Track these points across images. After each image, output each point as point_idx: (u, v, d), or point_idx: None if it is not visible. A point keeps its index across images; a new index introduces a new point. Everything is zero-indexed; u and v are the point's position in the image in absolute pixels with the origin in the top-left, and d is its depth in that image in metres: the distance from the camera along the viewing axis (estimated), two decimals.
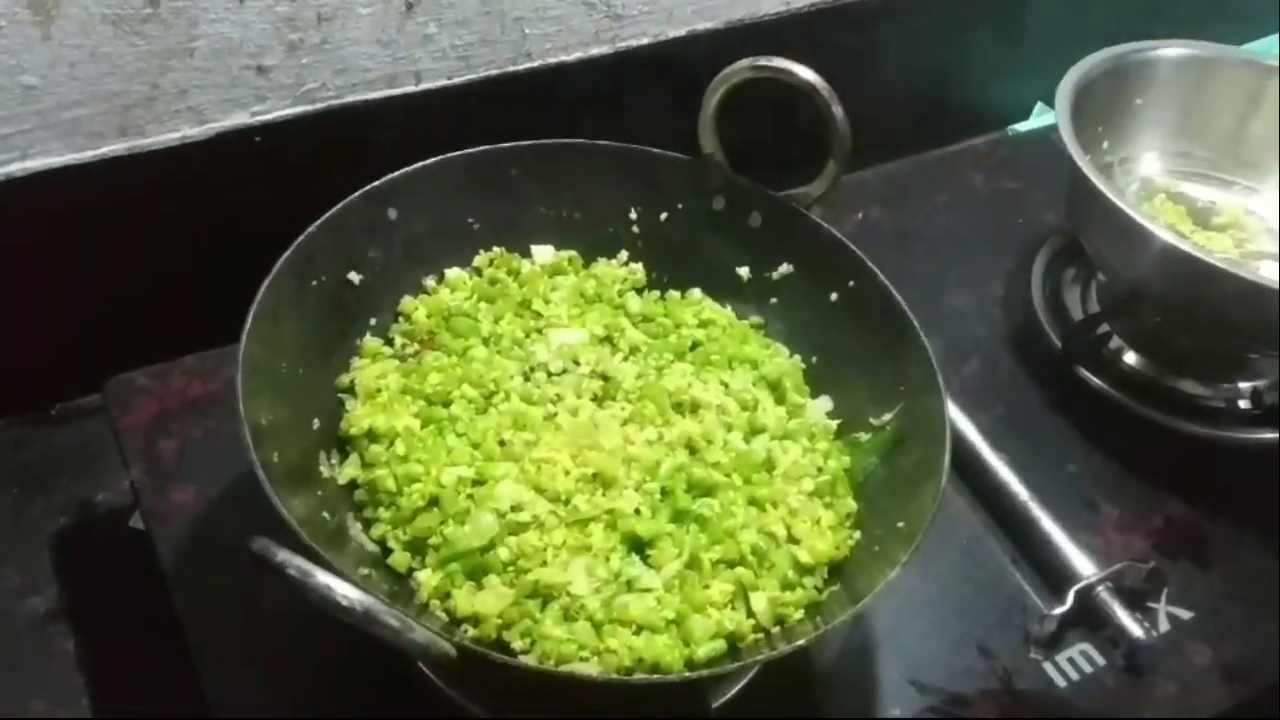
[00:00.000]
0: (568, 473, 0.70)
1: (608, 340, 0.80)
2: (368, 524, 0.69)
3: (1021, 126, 1.27)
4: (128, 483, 0.80)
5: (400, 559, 0.67)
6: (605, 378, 0.77)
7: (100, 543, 0.85)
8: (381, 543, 0.68)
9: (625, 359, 0.79)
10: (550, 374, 0.77)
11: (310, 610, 0.54)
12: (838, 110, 0.75)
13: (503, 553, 0.66)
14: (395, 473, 0.69)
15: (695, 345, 0.81)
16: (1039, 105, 1.28)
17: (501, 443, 0.71)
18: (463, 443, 0.71)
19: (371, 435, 0.72)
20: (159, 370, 0.84)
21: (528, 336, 0.79)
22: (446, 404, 0.74)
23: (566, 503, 0.69)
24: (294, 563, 0.53)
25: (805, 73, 0.76)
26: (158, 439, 0.81)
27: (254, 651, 0.73)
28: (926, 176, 1.14)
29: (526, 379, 0.76)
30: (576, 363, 0.77)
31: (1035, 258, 1.05)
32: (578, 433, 0.72)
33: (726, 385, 0.78)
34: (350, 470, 0.71)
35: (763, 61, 0.77)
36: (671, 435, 0.74)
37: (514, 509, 0.67)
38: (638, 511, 0.69)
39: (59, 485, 0.87)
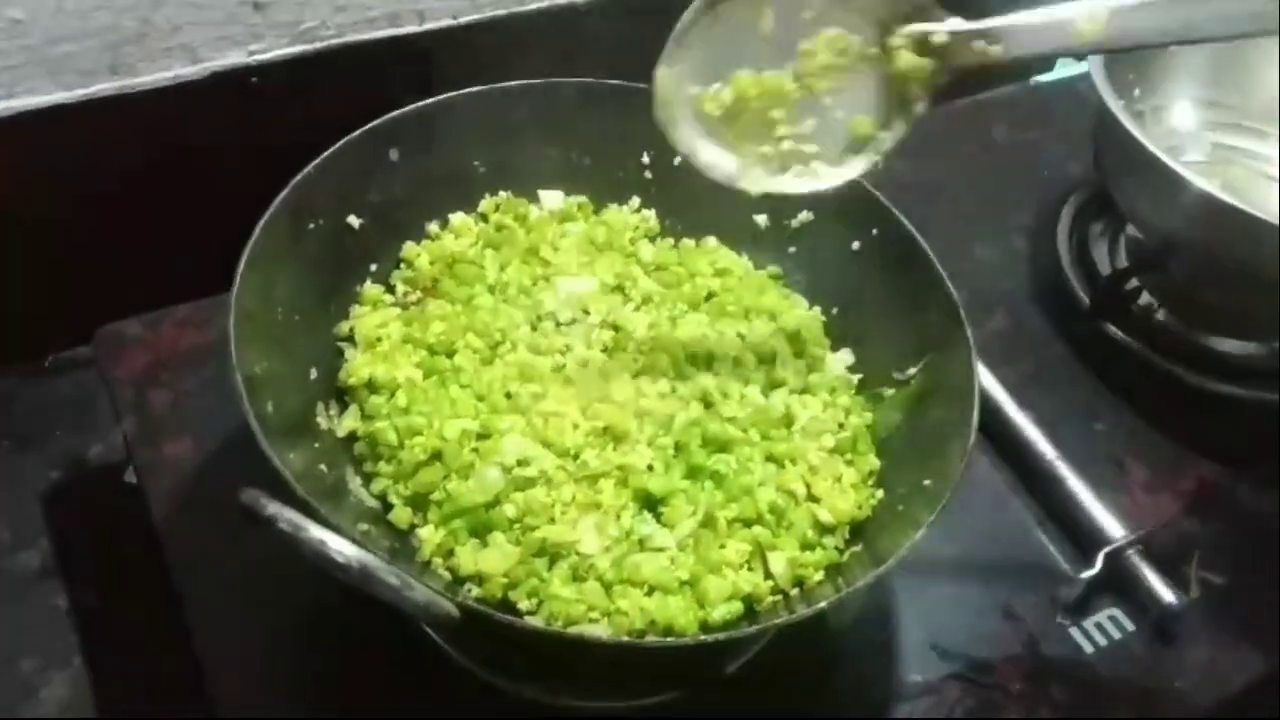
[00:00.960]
0: (577, 426, 0.68)
1: (619, 289, 0.78)
2: (368, 478, 0.67)
3: (1045, 77, 1.24)
4: (120, 435, 0.78)
5: (401, 515, 0.65)
6: (616, 328, 0.75)
7: (93, 498, 0.83)
8: (382, 498, 0.66)
9: (637, 309, 0.77)
10: (559, 324, 0.75)
11: (308, 567, 0.51)
12: None
13: (508, 509, 0.64)
14: (396, 425, 0.67)
15: (710, 295, 0.78)
16: None
17: (508, 395, 0.69)
18: (467, 394, 0.69)
19: (371, 386, 0.70)
20: (151, 319, 0.82)
21: (535, 284, 0.77)
22: (450, 354, 0.71)
23: (575, 458, 0.67)
24: (285, 516, 0.51)
25: None
26: (150, 390, 0.79)
27: (250, 608, 0.71)
28: (948, 127, 1.11)
29: (534, 329, 0.74)
30: (586, 312, 0.75)
31: (1061, 210, 1.02)
32: (587, 385, 0.70)
33: (743, 337, 0.76)
34: (349, 422, 0.69)
35: None
36: (685, 389, 0.71)
37: (520, 464, 0.65)
38: (650, 468, 0.67)
39: (52, 439, 0.86)
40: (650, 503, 0.66)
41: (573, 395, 0.69)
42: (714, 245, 0.82)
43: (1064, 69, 1.24)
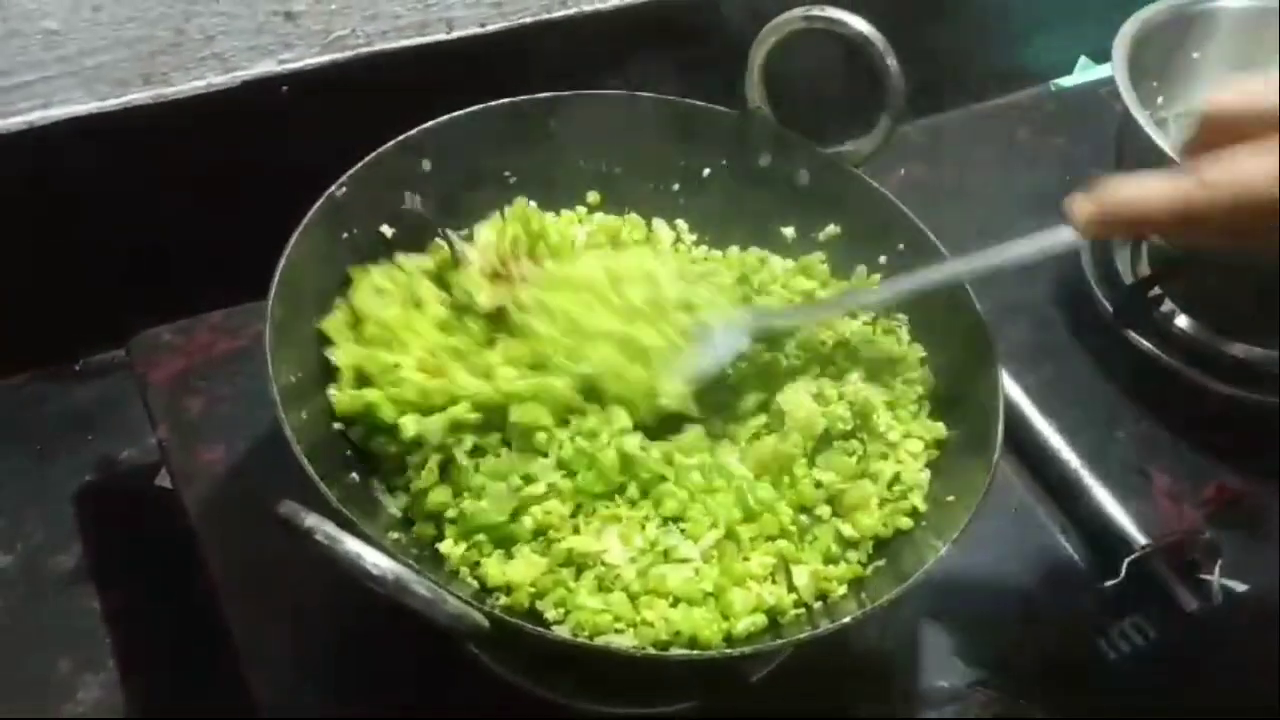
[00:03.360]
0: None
1: None
2: (392, 489, 0.67)
3: (1065, 81, 1.24)
4: (154, 440, 0.79)
5: (424, 530, 0.65)
6: None
7: (126, 500, 0.84)
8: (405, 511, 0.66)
9: None
10: None
11: (342, 571, 0.52)
12: (892, 63, 0.72)
13: (527, 522, 0.63)
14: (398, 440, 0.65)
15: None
16: (1082, 60, 1.24)
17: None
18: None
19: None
20: (185, 326, 0.83)
21: None
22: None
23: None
24: (322, 528, 0.51)
25: (859, 23, 0.72)
26: (184, 396, 0.80)
27: (285, 611, 0.71)
28: (969, 132, 1.11)
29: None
30: None
31: None
32: None
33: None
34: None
35: (815, 11, 0.74)
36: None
37: (526, 479, 0.64)
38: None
39: (84, 441, 0.87)
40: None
41: None
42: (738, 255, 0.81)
43: (1085, 73, 1.24)
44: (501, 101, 0.76)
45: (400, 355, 0.67)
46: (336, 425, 0.66)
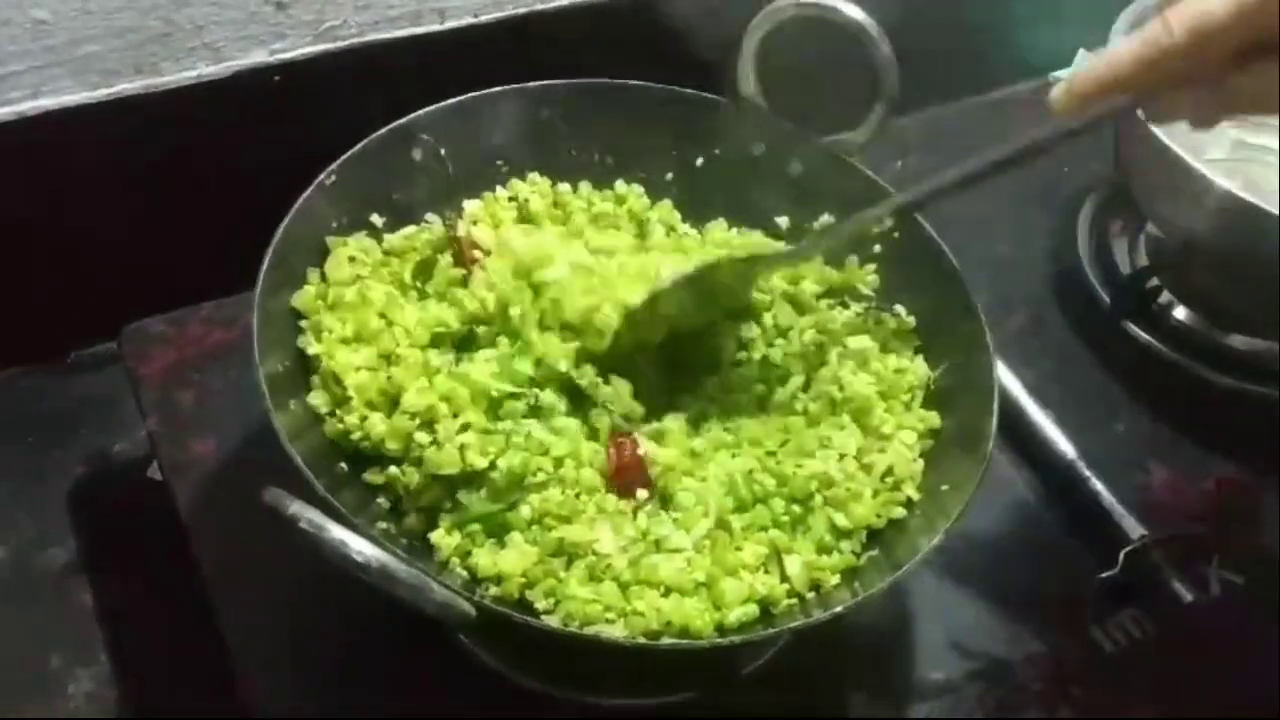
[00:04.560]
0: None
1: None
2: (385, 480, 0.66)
3: (1063, 73, 1.23)
4: (145, 433, 0.78)
5: (416, 520, 0.64)
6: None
7: (119, 494, 0.84)
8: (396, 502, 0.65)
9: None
10: None
11: (328, 560, 0.52)
12: (886, 51, 0.72)
13: (524, 510, 0.63)
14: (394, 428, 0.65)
15: None
16: (1080, 52, 1.24)
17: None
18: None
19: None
20: (176, 317, 0.83)
21: None
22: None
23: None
24: (307, 516, 0.51)
25: (852, 10, 0.72)
26: (175, 388, 0.79)
27: (277, 604, 0.71)
28: (967, 123, 1.11)
29: None
30: None
31: (1081, 208, 1.02)
32: None
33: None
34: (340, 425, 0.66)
35: None
36: None
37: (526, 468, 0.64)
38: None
39: (76, 435, 0.86)
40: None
41: None
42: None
43: (1084, 65, 1.23)
44: (493, 90, 0.76)
45: (366, 349, 0.67)
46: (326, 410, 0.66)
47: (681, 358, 0.72)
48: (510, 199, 0.78)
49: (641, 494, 0.65)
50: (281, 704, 0.68)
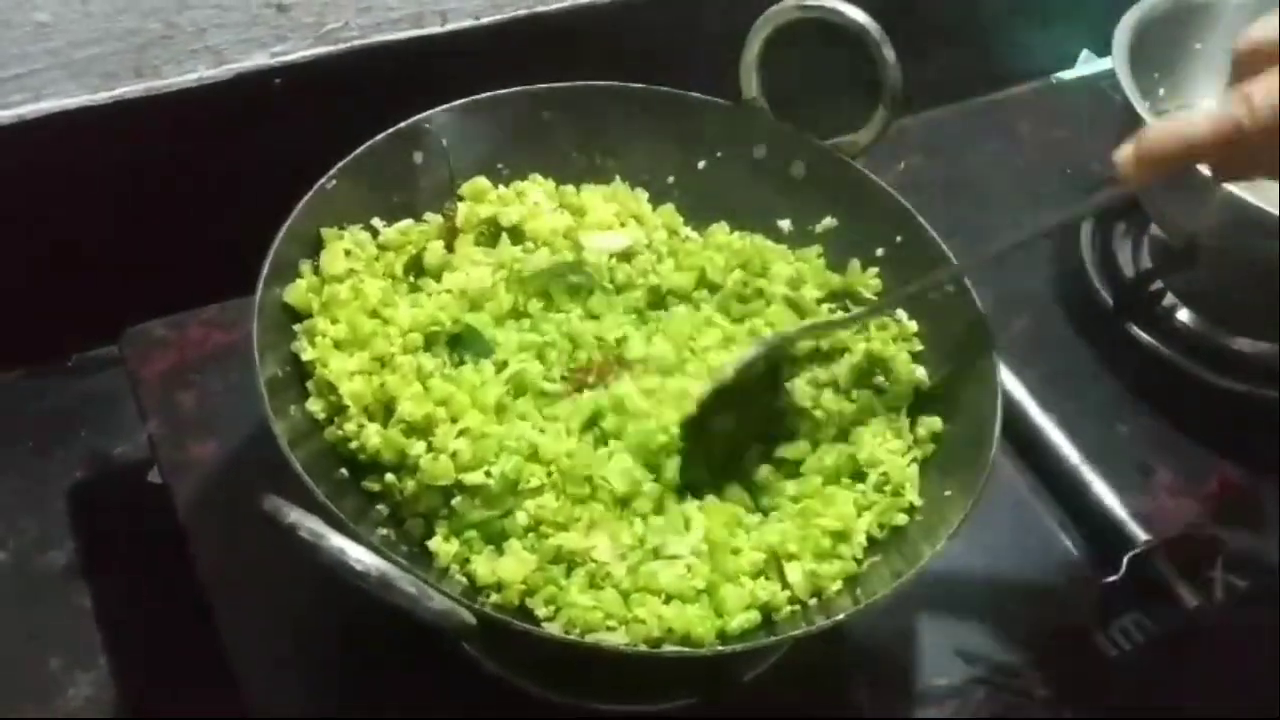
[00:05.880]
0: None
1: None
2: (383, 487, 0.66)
3: (1066, 74, 1.23)
4: (145, 435, 0.78)
5: (415, 525, 0.64)
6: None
7: (119, 496, 0.84)
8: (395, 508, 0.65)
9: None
10: None
11: (327, 568, 0.52)
12: (889, 53, 0.72)
13: (521, 517, 0.63)
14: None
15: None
16: (1084, 53, 1.24)
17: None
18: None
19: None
20: (177, 320, 0.83)
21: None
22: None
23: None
24: (305, 524, 0.51)
25: (855, 13, 0.72)
26: (176, 391, 0.79)
27: (277, 607, 0.71)
28: (971, 124, 1.11)
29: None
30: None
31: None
32: None
33: None
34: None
35: (811, 1, 0.73)
36: None
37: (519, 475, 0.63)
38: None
39: (77, 437, 0.86)
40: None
41: None
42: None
43: (1087, 66, 1.23)
44: (494, 93, 0.76)
45: (360, 354, 0.67)
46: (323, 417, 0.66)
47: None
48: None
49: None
50: (280, 707, 0.68)
